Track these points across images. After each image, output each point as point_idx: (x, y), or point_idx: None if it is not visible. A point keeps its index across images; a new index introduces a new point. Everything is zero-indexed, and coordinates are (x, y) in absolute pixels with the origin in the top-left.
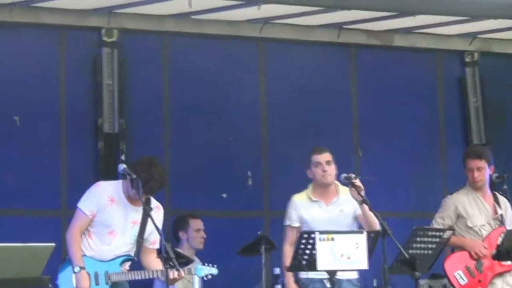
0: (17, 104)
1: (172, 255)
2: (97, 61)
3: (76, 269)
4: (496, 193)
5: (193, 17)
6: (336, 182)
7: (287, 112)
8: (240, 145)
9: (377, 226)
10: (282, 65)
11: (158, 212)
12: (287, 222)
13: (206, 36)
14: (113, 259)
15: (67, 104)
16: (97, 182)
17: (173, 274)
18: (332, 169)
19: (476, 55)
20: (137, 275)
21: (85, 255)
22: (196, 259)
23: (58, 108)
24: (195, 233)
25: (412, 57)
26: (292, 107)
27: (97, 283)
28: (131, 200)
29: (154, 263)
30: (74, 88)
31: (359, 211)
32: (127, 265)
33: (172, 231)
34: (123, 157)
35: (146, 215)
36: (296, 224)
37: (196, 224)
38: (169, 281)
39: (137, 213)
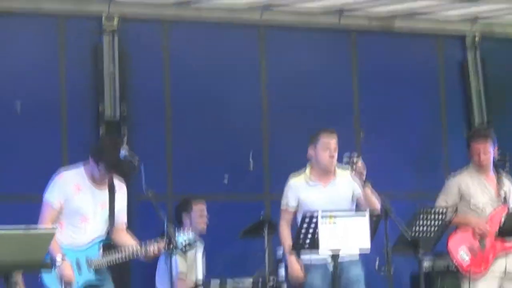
0: (18, 91)
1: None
2: (98, 48)
3: (58, 261)
4: (499, 173)
5: (193, 4)
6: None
7: (288, 97)
8: (241, 130)
9: (377, 206)
10: (283, 51)
11: (121, 191)
12: (284, 205)
13: (207, 23)
14: (90, 244)
15: (68, 91)
16: (59, 171)
17: (153, 248)
18: (336, 155)
19: (477, 38)
20: (117, 255)
21: (62, 246)
22: (198, 243)
23: (59, 95)
24: (198, 216)
25: (413, 41)
26: (293, 91)
27: (79, 271)
28: (96, 183)
29: (128, 240)
30: (75, 75)
31: (357, 192)
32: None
33: (175, 214)
34: (124, 142)
35: (113, 195)
36: (293, 206)
37: (200, 208)
38: (149, 256)
39: (103, 196)
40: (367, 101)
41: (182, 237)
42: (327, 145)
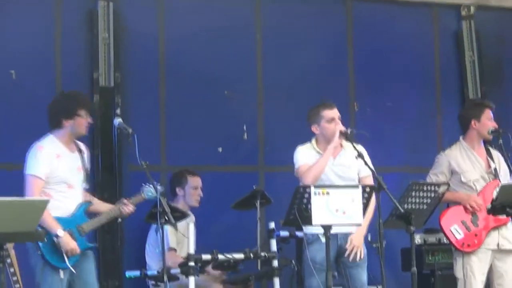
0: (12, 58)
1: (166, 209)
2: (92, 14)
3: (60, 232)
4: (489, 147)
5: None
6: None
7: (283, 67)
8: (236, 100)
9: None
10: (278, 20)
11: (87, 152)
12: (298, 164)
13: None
14: (76, 211)
15: (63, 58)
16: (36, 144)
17: (127, 209)
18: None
19: (472, 8)
20: (103, 219)
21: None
22: (191, 215)
23: (54, 62)
24: (192, 190)
25: (408, 11)
26: (288, 61)
27: (74, 240)
28: (69, 147)
29: (99, 201)
30: (69, 42)
31: (361, 174)
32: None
33: (169, 186)
34: (118, 111)
35: (82, 157)
36: (307, 163)
37: (194, 181)
38: (124, 216)
39: (77, 159)
40: (361, 73)
41: (150, 189)
42: (332, 117)
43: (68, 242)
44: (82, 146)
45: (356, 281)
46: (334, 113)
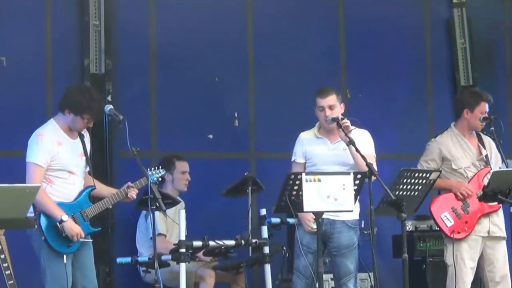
0: (3, 45)
1: (158, 195)
2: (83, 1)
3: (64, 217)
4: (480, 133)
5: None
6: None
7: (275, 52)
8: (227, 86)
9: (364, 167)
10: (270, 6)
11: (87, 136)
12: (293, 158)
13: None
14: (79, 196)
15: (54, 44)
16: (37, 131)
17: (134, 193)
18: (336, 112)
19: None
20: (107, 203)
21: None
22: (182, 201)
23: (44, 49)
24: (180, 175)
25: None
26: (280, 47)
27: (78, 225)
28: (70, 133)
29: (101, 184)
30: (60, 29)
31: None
32: None
33: None
34: (109, 98)
35: (83, 142)
36: (301, 160)
37: (182, 166)
38: (129, 200)
39: (78, 145)
40: (353, 60)
41: (155, 175)
42: (321, 106)
43: (72, 227)
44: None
45: (340, 270)
46: (324, 102)
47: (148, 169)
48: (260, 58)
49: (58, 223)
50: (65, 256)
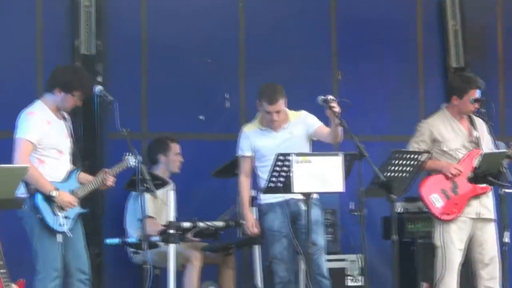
0: None
1: (147, 176)
2: None
3: (54, 193)
4: (472, 115)
5: None
6: (287, 110)
7: (266, 35)
8: (218, 68)
9: (340, 139)
10: None
11: (69, 119)
12: (239, 153)
13: None
14: (68, 176)
15: (44, 25)
16: (27, 110)
17: (111, 180)
18: (282, 115)
19: None
20: (93, 184)
21: None
22: (171, 182)
23: (35, 29)
24: (175, 156)
25: None
26: (271, 30)
27: None
28: (57, 114)
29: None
30: (51, 9)
31: (313, 128)
32: None
33: (150, 154)
34: (99, 79)
35: (67, 124)
36: (249, 154)
37: (176, 147)
38: (104, 187)
39: (64, 126)
40: (344, 41)
41: (130, 159)
42: (268, 112)
43: (63, 197)
44: (65, 114)
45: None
46: (272, 108)
47: (125, 154)
48: (251, 40)
49: (49, 194)
50: (58, 235)
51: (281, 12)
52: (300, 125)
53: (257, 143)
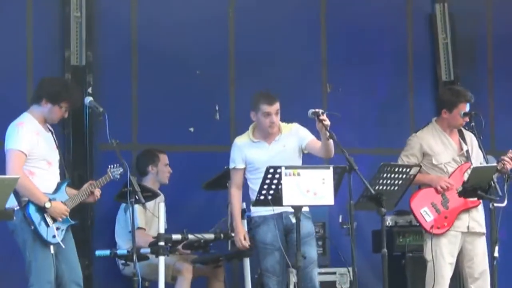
0: None
1: (137, 188)
2: None
3: (48, 204)
4: (462, 129)
5: None
6: (279, 122)
7: (256, 46)
8: (208, 79)
9: (332, 154)
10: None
11: (53, 131)
12: (232, 165)
13: None
14: (57, 188)
15: (35, 36)
16: (16, 122)
17: (97, 192)
18: (278, 118)
19: None
20: (81, 196)
21: None
22: (161, 194)
23: (25, 40)
24: (164, 167)
25: None
26: (260, 41)
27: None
28: (44, 126)
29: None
30: (41, 20)
31: (305, 141)
32: None
33: (138, 165)
34: (90, 90)
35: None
36: (241, 166)
37: (165, 158)
38: (90, 198)
39: (51, 138)
40: (334, 54)
41: (116, 171)
42: (268, 112)
43: (56, 208)
44: (49, 126)
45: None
46: (272, 108)
47: (109, 166)
48: (241, 51)
49: (44, 206)
50: (51, 247)
51: (271, 22)
52: (293, 137)
53: (250, 155)
